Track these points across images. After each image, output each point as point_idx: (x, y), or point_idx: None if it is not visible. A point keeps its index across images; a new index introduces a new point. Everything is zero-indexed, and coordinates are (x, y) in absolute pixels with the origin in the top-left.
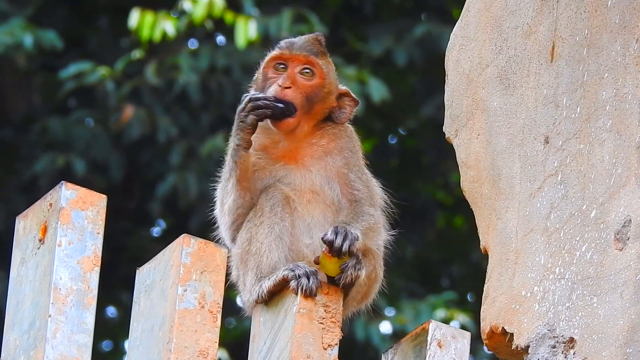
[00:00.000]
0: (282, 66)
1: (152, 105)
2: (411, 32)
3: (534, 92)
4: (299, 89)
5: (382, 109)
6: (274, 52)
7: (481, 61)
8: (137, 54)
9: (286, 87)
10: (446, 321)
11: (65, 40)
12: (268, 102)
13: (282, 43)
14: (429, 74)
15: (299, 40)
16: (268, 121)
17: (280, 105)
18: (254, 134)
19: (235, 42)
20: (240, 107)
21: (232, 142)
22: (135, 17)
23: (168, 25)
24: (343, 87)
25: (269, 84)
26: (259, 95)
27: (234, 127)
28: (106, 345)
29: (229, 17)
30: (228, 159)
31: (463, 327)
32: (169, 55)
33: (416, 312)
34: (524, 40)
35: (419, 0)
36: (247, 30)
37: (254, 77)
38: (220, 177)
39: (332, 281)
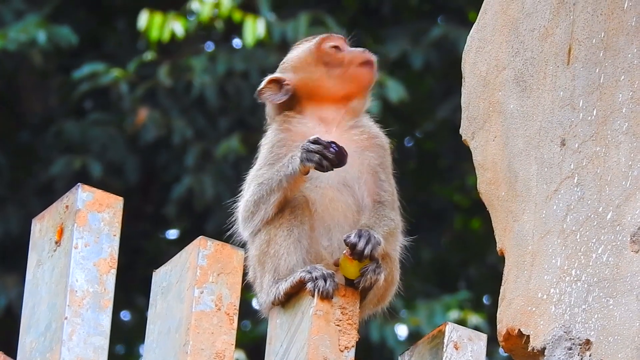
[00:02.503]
0: (335, 47)
1: (168, 107)
2: (428, 35)
3: (550, 94)
4: None
5: (399, 111)
6: (321, 36)
7: (498, 63)
8: (148, 55)
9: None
10: (460, 322)
11: (82, 42)
12: (330, 157)
13: (319, 36)
14: (445, 77)
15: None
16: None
17: (337, 149)
18: (294, 123)
19: (243, 40)
20: (306, 146)
21: (289, 167)
22: (144, 18)
23: (177, 26)
24: None
25: (331, 58)
26: (322, 141)
27: (302, 155)
28: (119, 349)
29: (237, 15)
30: (280, 175)
31: (476, 328)
32: (182, 56)
33: (430, 313)
34: (541, 43)
35: (436, 2)
36: (255, 28)
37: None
38: (251, 170)
39: (350, 284)
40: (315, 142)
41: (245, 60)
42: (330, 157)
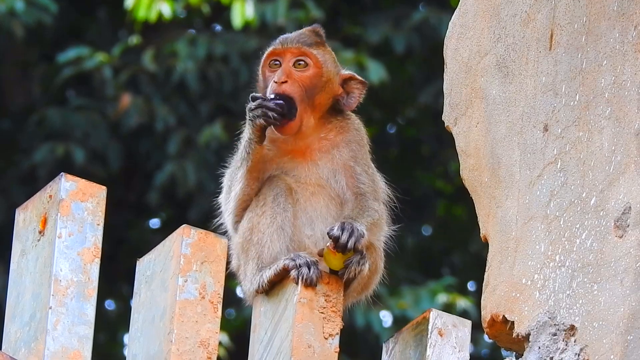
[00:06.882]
0: (277, 62)
1: (150, 94)
2: (409, 20)
3: (532, 80)
4: (295, 81)
5: (381, 97)
6: (268, 50)
7: (480, 49)
8: (134, 39)
9: (282, 82)
10: (449, 306)
11: (64, 31)
12: (272, 105)
13: (276, 40)
14: (427, 63)
15: (293, 34)
16: (272, 129)
17: (280, 101)
18: None
19: (232, 23)
20: (248, 106)
21: (246, 134)
22: None
23: (164, 7)
24: (347, 72)
25: (267, 83)
26: (259, 95)
27: (247, 122)
28: (101, 337)
29: None
30: (241, 148)
31: (465, 312)
32: (167, 41)
33: (416, 298)
34: (523, 28)
35: None
36: (244, 10)
37: (259, 77)
38: (229, 163)
39: (334, 274)
40: (254, 98)
41: (225, 45)
42: (271, 105)
